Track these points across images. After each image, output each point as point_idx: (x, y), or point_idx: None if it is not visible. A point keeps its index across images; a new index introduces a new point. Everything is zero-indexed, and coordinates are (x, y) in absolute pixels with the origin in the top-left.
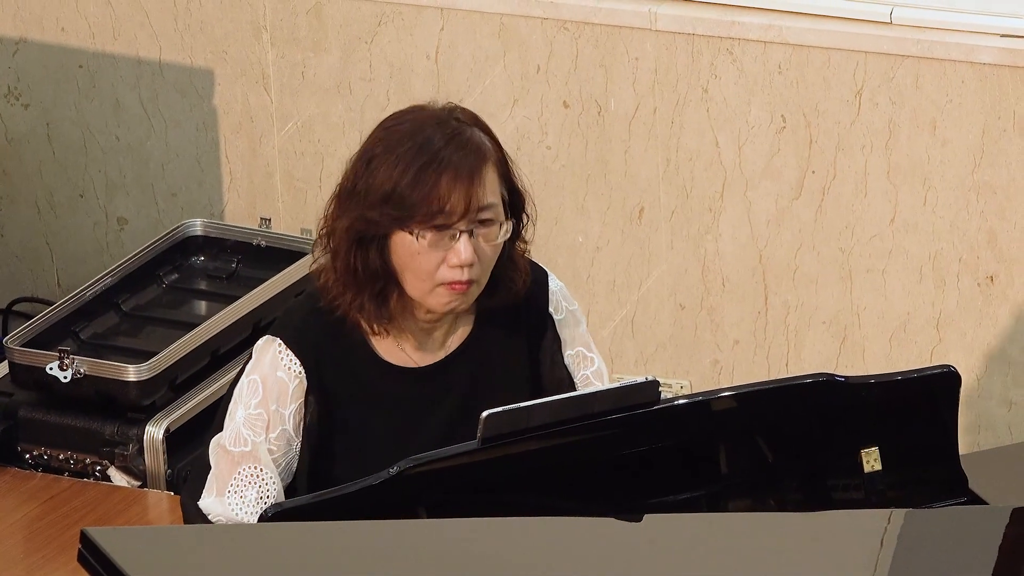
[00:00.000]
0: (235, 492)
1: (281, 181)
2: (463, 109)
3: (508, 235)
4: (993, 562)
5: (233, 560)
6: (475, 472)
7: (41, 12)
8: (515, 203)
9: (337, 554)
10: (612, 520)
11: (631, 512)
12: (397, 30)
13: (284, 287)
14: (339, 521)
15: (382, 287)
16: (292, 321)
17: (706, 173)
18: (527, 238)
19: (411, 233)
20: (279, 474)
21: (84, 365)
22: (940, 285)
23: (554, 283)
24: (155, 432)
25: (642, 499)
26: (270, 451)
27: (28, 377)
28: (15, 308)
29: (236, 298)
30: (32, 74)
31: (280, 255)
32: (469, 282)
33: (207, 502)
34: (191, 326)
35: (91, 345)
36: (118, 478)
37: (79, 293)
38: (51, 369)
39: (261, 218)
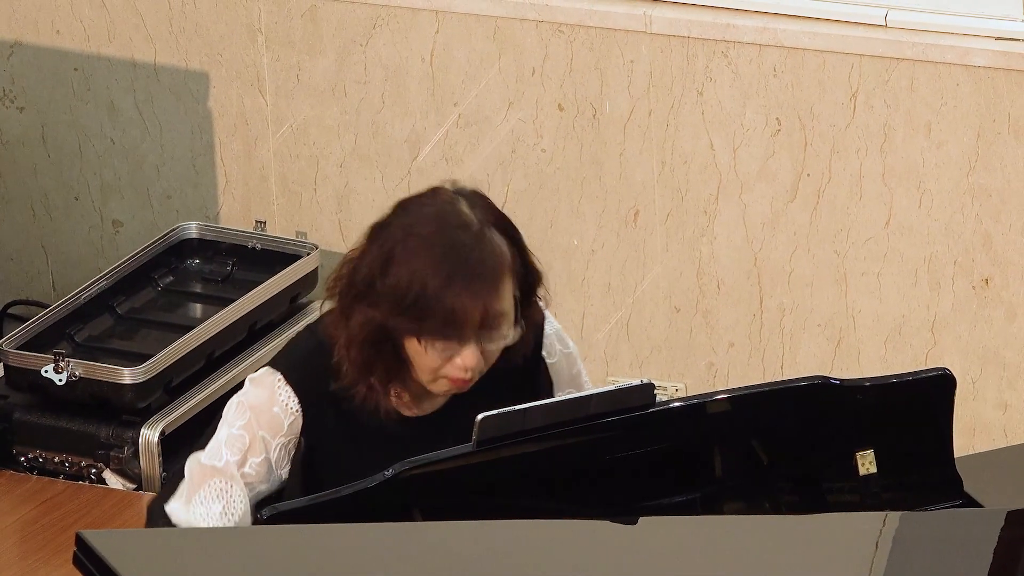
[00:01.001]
0: (201, 503)
1: (276, 184)
2: (483, 200)
3: (516, 339)
4: (988, 565)
5: (228, 562)
6: (471, 474)
7: (36, 15)
8: (528, 286)
9: (332, 557)
10: (607, 523)
11: (626, 515)
12: (392, 33)
13: (279, 290)
14: (334, 524)
15: (395, 375)
16: (295, 357)
17: (701, 176)
18: (543, 305)
19: (419, 341)
20: (250, 498)
21: (79, 368)
22: (935, 288)
23: (550, 326)
24: (150, 435)
25: (637, 502)
26: (245, 475)
27: (23, 380)
28: (10, 311)
29: (231, 301)
30: (27, 77)
31: (275, 258)
32: (471, 379)
33: (173, 507)
34: (186, 329)
35: (86, 348)
36: (113, 481)
37: (74, 296)
38: (46, 372)
39: (256, 221)
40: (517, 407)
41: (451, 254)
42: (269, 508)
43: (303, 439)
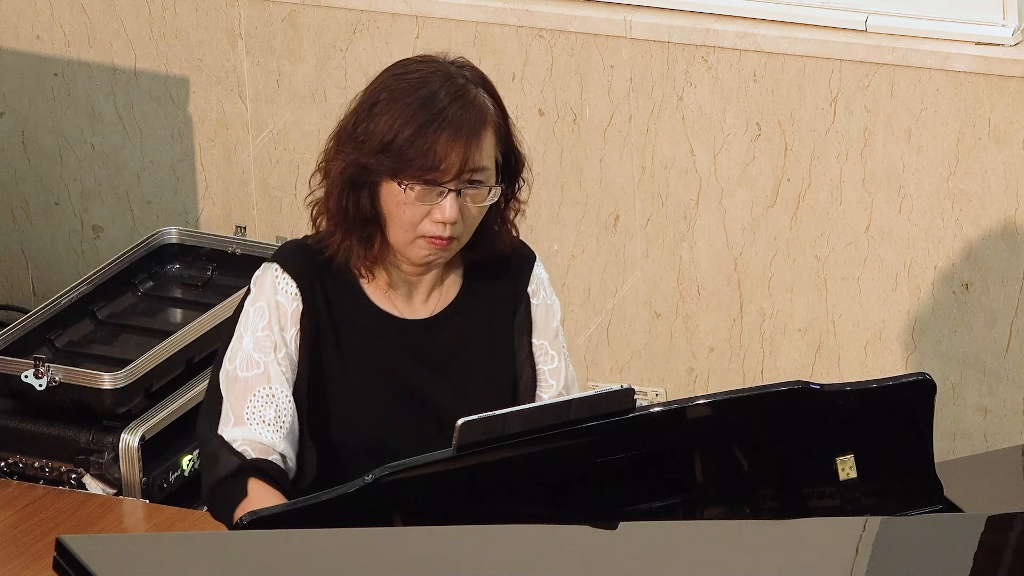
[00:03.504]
0: (254, 415)
1: (256, 189)
2: (472, 67)
3: (495, 199)
4: (968, 570)
5: (208, 568)
6: (451, 480)
7: (16, 20)
8: (512, 165)
9: (312, 561)
10: (588, 528)
11: (607, 520)
12: (372, 38)
13: None
14: (314, 529)
15: (370, 231)
16: (289, 249)
17: (681, 181)
18: (521, 197)
19: (400, 184)
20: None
21: (59, 373)
22: (915, 293)
23: (539, 269)
24: (130, 440)
25: (617, 507)
26: (283, 372)
27: (3, 385)
28: None
29: (211, 306)
30: (7, 82)
31: (255, 263)
32: (450, 239)
33: (228, 430)
34: (166, 334)
35: (66, 353)
36: (93, 486)
37: (54, 301)
38: (26, 377)
39: (236, 226)
40: (496, 412)
41: (434, 100)
42: (248, 513)
43: (306, 324)
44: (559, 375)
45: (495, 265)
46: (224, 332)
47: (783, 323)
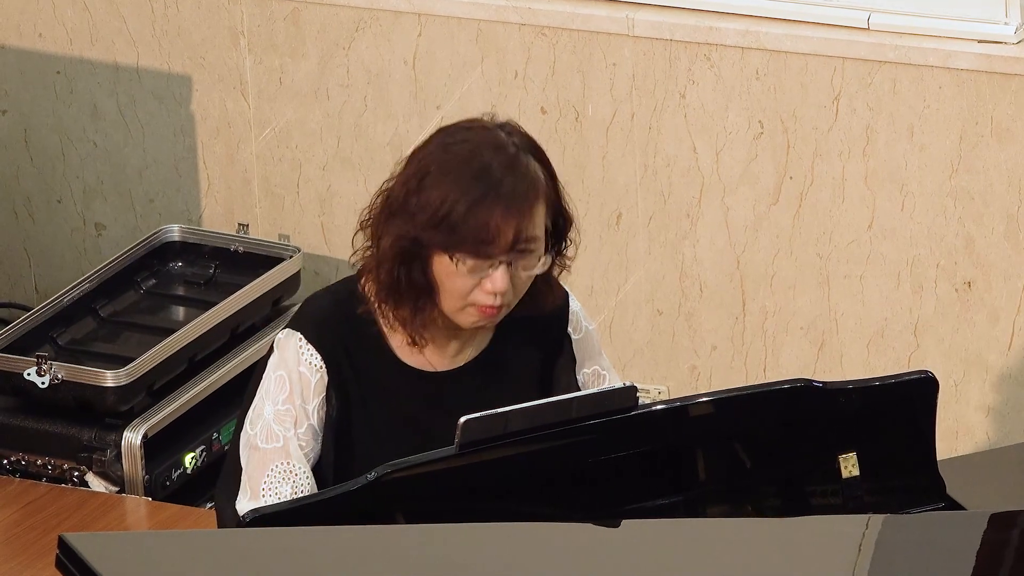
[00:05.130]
0: (270, 491)
1: (259, 187)
2: (520, 132)
3: (545, 268)
4: (971, 568)
5: (211, 565)
6: (453, 478)
7: (19, 18)
8: (561, 226)
9: (315, 560)
10: (590, 526)
11: (609, 518)
12: (375, 36)
13: (262, 293)
14: (317, 527)
15: (423, 302)
16: (312, 314)
17: (684, 179)
18: (569, 255)
19: (451, 258)
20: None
21: (62, 371)
22: (918, 291)
23: (574, 304)
24: (133, 438)
25: (620, 505)
26: (301, 447)
27: (5, 383)
28: None
29: (213, 304)
30: (9, 80)
31: (258, 261)
32: (499, 307)
33: (243, 503)
34: (169, 332)
35: (69, 351)
36: (96, 484)
37: (57, 299)
38: (29, 375)
39: (239, 224)
40: (499, 410)
41: (487, 172)
42: (251, 511)
43: (332, 394)
44: None
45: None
46: (249, 388)
47: (785, 321)
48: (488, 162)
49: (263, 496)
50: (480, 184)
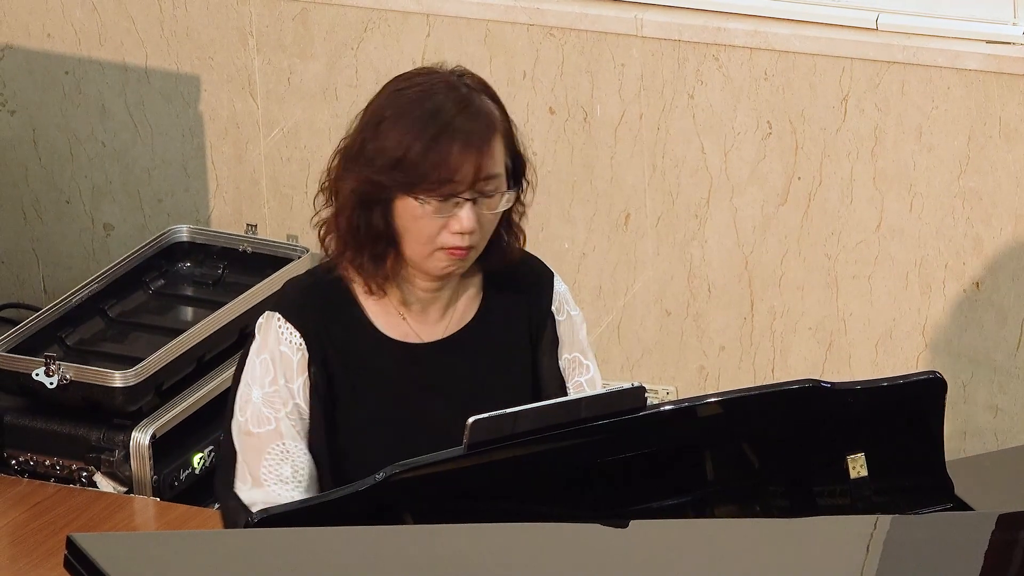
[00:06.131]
0: (270, 473)
1: (267, 187)
2: (471, 75)
3: (510, 204)
4: (979, 568)
5: (219, 566)
6: (461, 478)
7: (27, 18)
8: (517, 168)
9: (323, 560)
10: (598, 526)
11: (617, 518)
12: (383, 36)
13: (270, 293)
14: (325, 527)
15: (382, 248)
16: (289, 294)
17: (692, 179)
18: (525, 201)
19: (416, 199)
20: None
21: (70, 371)
22: (926, 291)
23: (559, 285)
24: (141, 438)
25: (628, 505)
26: (293, 426)
27: (14, 383)
28: (1, 314)
29: (222, 304)
30: (18, 80)
31: (266, 261)
32: (468, 248)
33: (246, 493)
34: (177, 332)
35: (77, 351)
36: (104, 484)
37: (65, 299)
38: (37, 375)
39: (247, 224)
40: (507, 410)
41: (441, 111)
42: (259, 511)
43: (314, 371)
44: (595, 384)
45: (512, 286)
46: (234, 376)
47: (794, 321)
48: (441, 101)
49: (264, 481)
50: (435, 122)
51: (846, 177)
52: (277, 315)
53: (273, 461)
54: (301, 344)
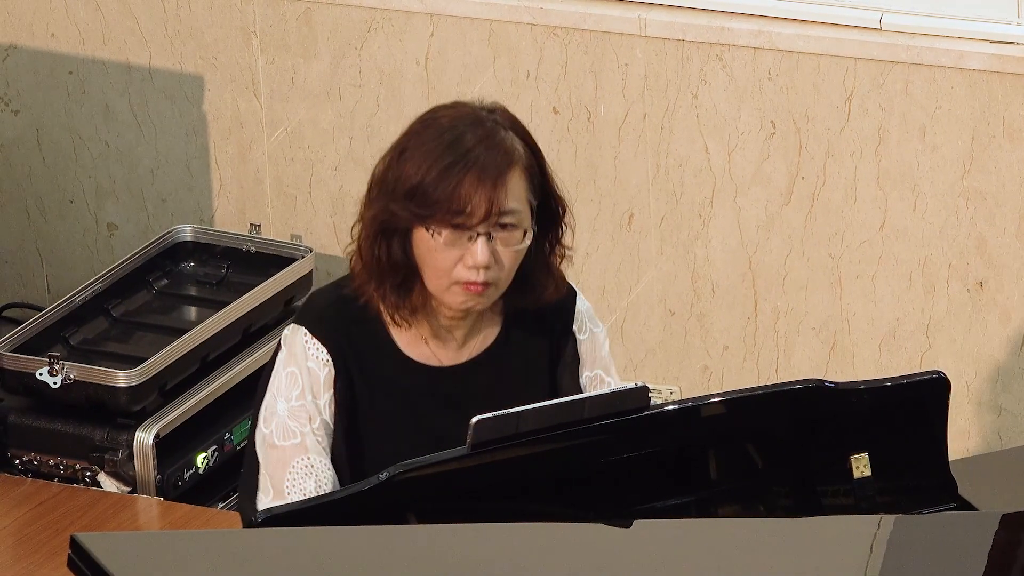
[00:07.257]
0: (294, 488)
1: (271, 187)
2: (504, 111)
3: (528, 243)
4: (983, 568)
5: (223, 566)
6: (465, 478)
7: (31, 18)
8: (553, 209)
9: (327, 559)
10: (602, 526)
11: (621, 518)
12: (387, 36)
13: (274, 293)
14: (329, 527)
15: (404, 279)
16: (317, 308)
17: (696, 179)
18: (568, 244)
19: (428, 230)
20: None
21: (74, 371)
22: (930, 291)
23: (581, 303)
24: (145, 438)
25: (632, 505)
26: (319, 441)
27: (18, 382)
28: (4, 314)
29: (226, 304)
30: (22, 80)
31: (270, 261)
32: (485, 284)
33: (266, 503)
34: (181, 332)
35: (81, 351)
36: (108, 484)
37: (69, 299)
38: (41, 375)
39: (251, 224)
40: (511, 410)
41: (459, 143)
42: (263, 511)
43: (339, 387)
44: None
45: (535, 307)
46: (259, 387)
47: (797, 321)
48: (462, 133)
49: (288, 494)
50: (451, 153)
51: (850, 177)
52: (304, 330)
53: (297, 475)
54: (328, 360)
